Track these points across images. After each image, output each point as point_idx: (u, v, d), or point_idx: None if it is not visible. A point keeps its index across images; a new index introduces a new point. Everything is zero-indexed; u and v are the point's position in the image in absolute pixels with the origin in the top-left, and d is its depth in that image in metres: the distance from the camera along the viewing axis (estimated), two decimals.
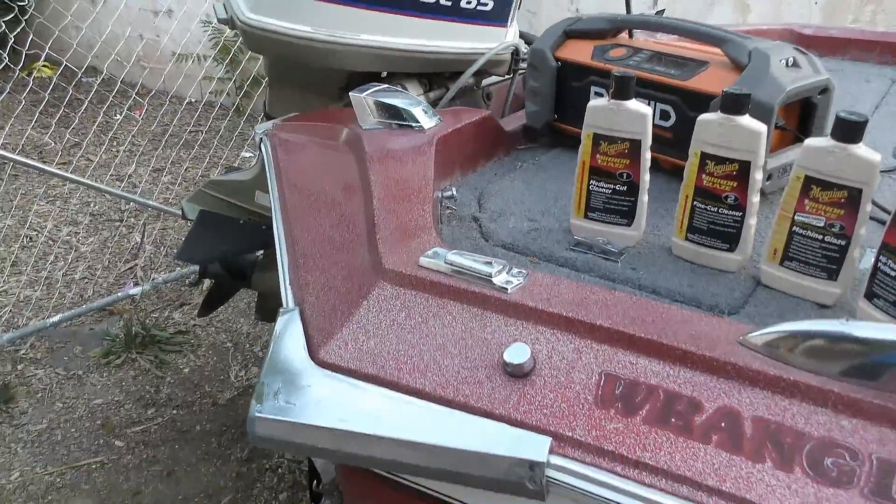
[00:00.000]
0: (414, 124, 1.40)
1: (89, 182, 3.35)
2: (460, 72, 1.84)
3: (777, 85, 1.21)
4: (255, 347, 3.00)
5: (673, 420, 0.72)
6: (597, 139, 1.13)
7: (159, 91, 5.08)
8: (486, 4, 1.81)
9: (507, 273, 0.90)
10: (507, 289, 0.87)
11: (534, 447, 0.73)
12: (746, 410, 0.71)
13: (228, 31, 5.09)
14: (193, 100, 4.90)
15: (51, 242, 3.71)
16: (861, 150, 0.95)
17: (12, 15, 3.69)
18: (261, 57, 4.22)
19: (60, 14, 4.40)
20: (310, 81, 1.94)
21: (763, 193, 1.16)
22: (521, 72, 1.94)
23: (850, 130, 0.94)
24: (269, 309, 2.52)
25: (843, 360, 0.70)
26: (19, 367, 2.87)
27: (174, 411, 2.66)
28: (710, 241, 1.10)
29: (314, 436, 0.80)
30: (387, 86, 1.49)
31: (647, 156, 1.12)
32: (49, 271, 3.40)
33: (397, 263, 0.94)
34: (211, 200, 2.34)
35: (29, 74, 4.80)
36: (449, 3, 1.76)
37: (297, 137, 1.52)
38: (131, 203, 4.04)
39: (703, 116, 1.07)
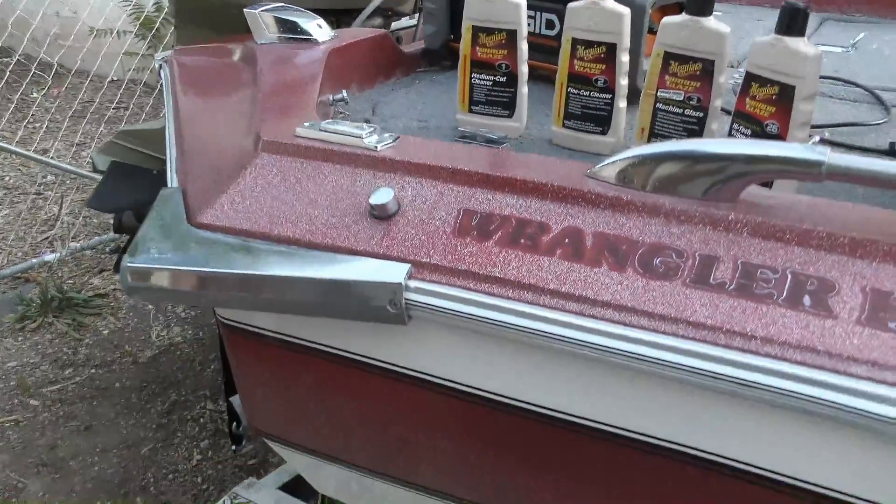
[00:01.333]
0: (309, 38, 1.42)
1: (13, 147, 3.26)
2: (363, 9, 1.86)
3: None
4: (177, 308, 2.97)
5: (522, 241, 0.77)
6: (475, 31, 1.17)
7: (79, 70, 4.95)
8: None
9: (377, 135, 0.93)
10: (376, 147, 0.90)
11: (392, 272, 0.76)
12: (588, 228, 0.76)
13: (150, 4, 5.00)
14: (116, 78, 4.79)
15: None
16: (711, 22, 1.02)
17: None
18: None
19: None
20: (216, 22, 1.94)
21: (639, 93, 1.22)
22: None
23: (701, 4, 1.01)
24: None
25: (675, 177, 0.76)
26: None
27: (92, 370, 2.62)
28: (584, 125, 1.15)
29: (187, 280, 0.82)
30: (282, 3, 1.51)
31: (523, 46, 1.17)
32: None
33: (275, 135, 0.96)
34: (123, 151, 2.32)
35: None
36: None
37: (194, 59, 1.53)
38: (48, 177, 3.94)
39: (572, 4, 1.12)
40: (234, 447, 2.25)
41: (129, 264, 0.85)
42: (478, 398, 0.82)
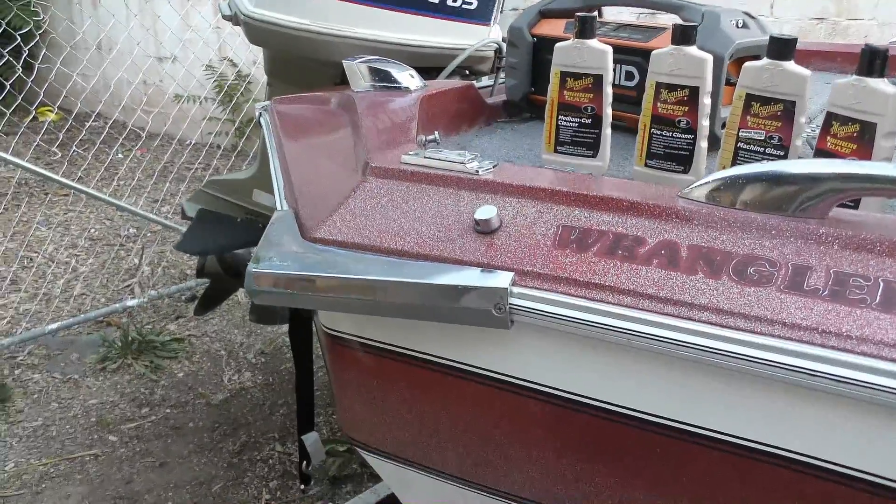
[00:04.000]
0: (401, 86, 1.53)
1: (93, 192, 3.47)
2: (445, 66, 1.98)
3: (726, 38, 1.35)
4: (248, 355, 3.07)
5: (619, 252, 0.82)
6: (563, 76, 1.25)
7: (162, 134, 5.25)
8: (470, 3, 1.97)
9: (477, 162, 1.01)
10: (478, 171, 0.98)
11: (498, 279, 0.82)
12: (683, 241, 0.81)
13: (231, 75, 5.31)
14: (195, 142, 5.06)
15: (50, 263, 3.79)
16: (792, 65, 1.07)
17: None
18: (262, 99, 4.39)
19: (67, 61, 4.58)
20: (307, 76, 2.08)
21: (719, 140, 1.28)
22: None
23: (782, 48, 1.07)
24: (263, 309, 2.60)
25: (766, 195, 0.80)
26: (16, 372, 2.92)
27: (168, 410, 2.71)
28: (666, 164, 1.21)
29: (306, 284, 0.89)
30: (376, 56, 1.63)
31: (608, 90, 1.24)
32: (48, 288, 3.48)
33: (383, 162, 1.05)
34: (210, 199, 2.46)
35: (33, 119, 4.97)
36: (436, 1, 1.92)
37: (294, 106, 1.65)
38: (131, 229, 4.16)
39: (657, 51, 1.19)
40: (302, 486, 2.30)
41: (253, 270, 0.92)
42: (576, 403, 0.86)
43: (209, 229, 2.44)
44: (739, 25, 1.41)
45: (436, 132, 1.38)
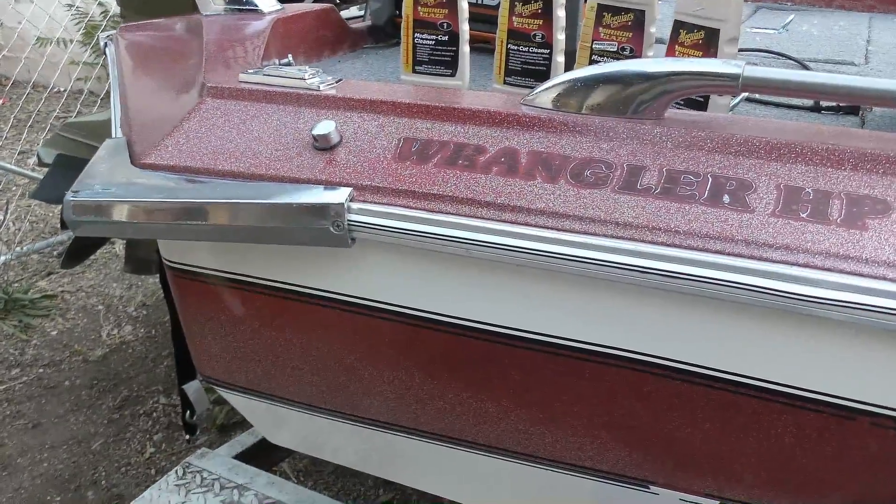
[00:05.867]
0: (254, 8, 1.43)
1: None
2: None
3: None
4: (128, 308, 2.93)
5: (460, 162, 0.80)
6: None
7: (23, 80, 4.86)
8: None
9: (319, 77, 0.95)
10: (319, 87, 0.92)
11: (335, 195, 0.78)
12: (523, 148, 0.79)
13: (98, 13, 4.94)
14: (61, 88, 4.71)
15: None
16: None
17: None
18: None
19: None
20: (161, 6, 1.94)
21: None
22: None
23: None
24: (138, 259, 2.47)
25: (604, 98, 0.79)
26: None
27: (41, 370, 2.56)
28: (524, 80, 1.18)
29: (131, 211, 0.83)
30: None
31: (463, 5, 1.20)
32: None
33: (220, 81, 0.98)
34: (68, 143, 2.29)
35: None
36: None
37: (140, 34, 1.53)
38: None
39: None
40: (187, 437, 2.23)
41: (71, 198, 0.85)
42: (422, 320, 0.84)
43: (69, 175, 2.26)
44: None
45: (289, 55, 1.31)
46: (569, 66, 1.19)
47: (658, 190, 0.73)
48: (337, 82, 0.95)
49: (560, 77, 0.84)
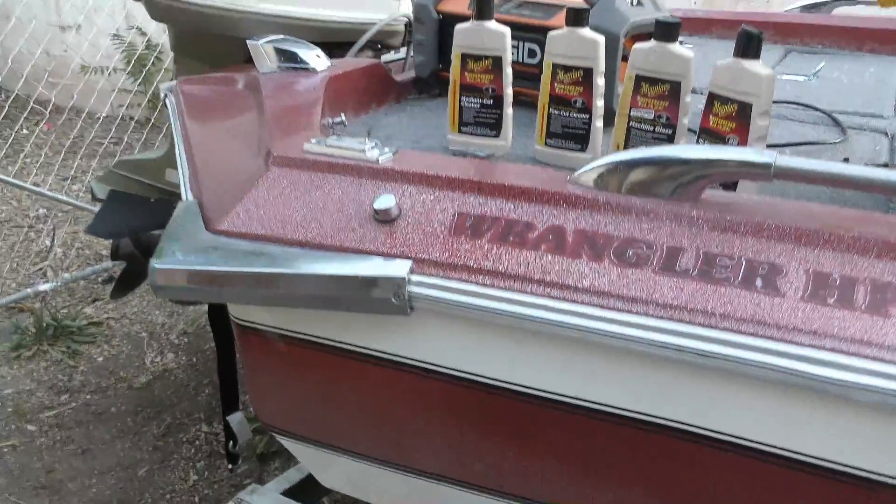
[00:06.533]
0: (308, 67, 1.52)
1: (5, 178, 3.32)
2: (355, 42, 1.97)
3: (621, 16, 1.40)
4: (170, 336, 3.03)
5: (511, 238, 0.86)
6: (464, 58, 1.28)
7: (71, 107, 5.03)
8: None
9: (378, 149, 1.03)
10: (377, 159, 1.00)
11: (396, 268, 0.85)
12: (570, 226, 0.86)
13: (141, 43, 5.11)
14: (106, 115, 4.88)
15: None
16: (677, 47, 1.13)
17: None
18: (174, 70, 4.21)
19: None
20: (213, 53, 2.04)
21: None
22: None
23: (668, 30, 1.12)
24: None
25: (644, 180, 0.86)
26: None
27: (88, 396, 2.66)
28: (564, 143, 1.25)
29: (209, 278, 0.91)
30: (283, 36, 1.61)
31: (508, 71, 1.28)
32: None
33: (284, 150, 1.06)
34: (121, 180, 2.40)
35: None
36: None
37: (199, 88, 1.63)
38: (41, 209, 4.01)
39: (552, 32, 1.23)
40: (230, 466, 2.31)
41: (156, 266, 0.93)
42: (473, 383, 0.91)
43: (121, 211, 2.38)
44: (634, 3, 1.46)
45: (342, 114, 1.39)
46: (608, 123, 1.25)
47: (695, 272, 0.79)
48: (394, 154, 1.03)
49: (604, 159, 0.90)
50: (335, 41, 2.04)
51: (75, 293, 3.33)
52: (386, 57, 2.21)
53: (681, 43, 1.80)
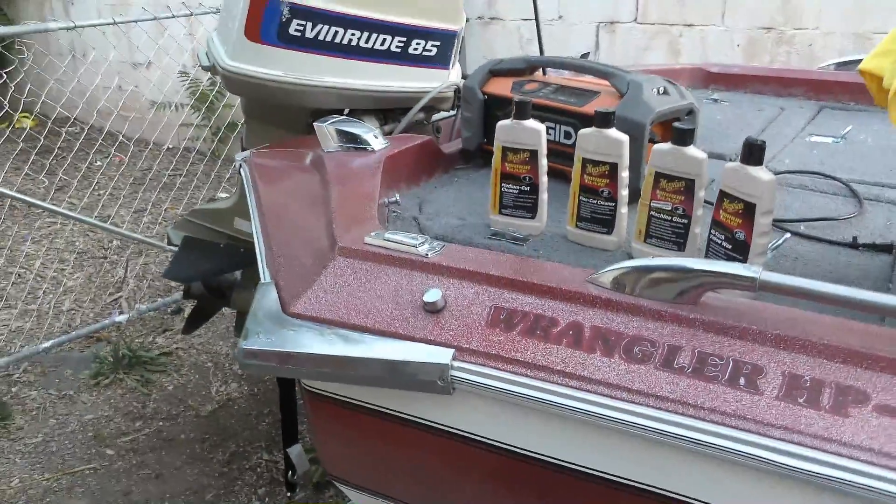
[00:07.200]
0: (367, 147, 1.72)
1: (79, 216, 3.61)
2: (410, 107, 2.17)
3: (648, 107, 1.55)
4: (234, 366, 3.25)
5: (538, 332, 1.03)
6: (504, 150, 1.45)
7: (139, 139, 5.36)
8: (430, 51, 2.15)
9: (428, 245, 1.21)
10: (427, 255, 1.18)
11: (441, 355, 1.03)
12: (587, 323, 1.02)
13: (205, 80, 5.43)
14: (171, 146, 5.20)
15: (39, 279, 3.94)
16: (691, 150, 1.28)
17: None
18: (235, 104, 4.52)
19: (42, 68, 4.68)
20: (281, 118, 2.26)
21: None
22: None
23: (682, 136, 1.28)
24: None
25: (652, 285, 1.02)
26: (13, 390, 3.09)
27: (160, 423, 2.90)
28: (592, 227, 1.42)
29: (287, 359, 1.10)
30: (344, 117, 1.81)
31: (543, 162, 1.44)
32: (38, 304, 3.63)
33: (349, 242, 1.24)
34: (194, 227, 2.63)
35: (9, 126, 5.06)
36: (399, 50, 2.09)
37: (270, 161, 1.83)
38: (114, 241, 4.31)
39: (582, 131, 1.40)
40: (288, 494, 2.51)
41: (244, 347, 1.12)
42: (504, 451, 1.08)
43: (194, 256, 2.61)
44: (660, 92, 1.62)
45: (396, 195, 1.58)
46: (633, 201, 1.40)
47: (690, 369, 0.95)
48: (441, 248, 1.20)
49: (618, 264, 1.06)
50: (391, 108, 2.25)
51: (147, 323, 3.59)
52: (436, 116, 2.41)
53: (715, 101, 2.00)
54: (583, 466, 1.02)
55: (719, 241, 1.26)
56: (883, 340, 0.94)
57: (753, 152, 1.20)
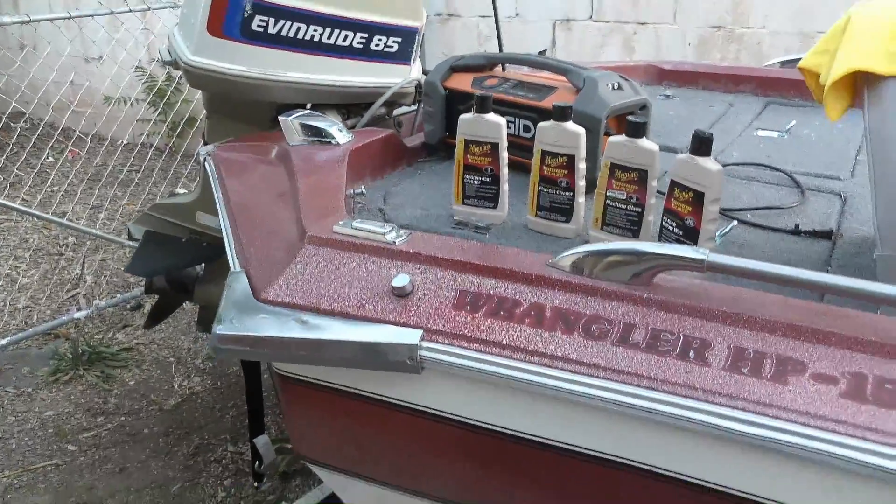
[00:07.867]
0: (331, 140, 1.76)
1: (35, 212, 3.56)
2: (372, 102, 2.21)
3: (603, 102, 1.62)
4: (196, 360, 3.25)
5: (502, 313, 1.09)
6: (467, 143, 1.51)
7: (94, 135, 5.29)
8: (391, 47, 2.19)
9: (395, 233, 1.26)
10: (395, 242, 1.23)
11: (410, 336, 1.08)
12: (549, 304, 1.08)
13: (162, 75, 5.38)
14: (127, 141, 5.14)
15: None
16: (644, 142, 1.35)
17: None
18: (194, 99, 4.48)
19: None
20: (244, 113, 2.28)
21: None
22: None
23: (636, 129, 1.35)
24: (210, 320, 2.78)
25: (608, 268, 1.08)
26: None
27: (122, 418, 2.89)
28: (552, 216, 1.48)
29: (260, 343, 1.13)
30: (309, 111, 1.85)
31: (504, 155, 1.50)
32: None
33: (318, 231, 1.29)
34: (155, 222, 2.62)
35: None
36: (361, 46, 2.13)
37: (236, 155, 1.86)
38: (70, 238, 4.25)
39: (541, 124, 1.46)
40: (255, 484, 2.53)
41: (217, 332, 1.16)
42: (472, 426, 1.13)
43: (156, 250, 2.60)
44: (615, 88, 1.69)
45: (361, 187, 1.62)
46: (590, 190, 1.47)
47: (644, 345, 1.01)
48: (408, 236, 1.25)
49: (576, 248, 1.13)
50: (353, 102, 2.28)
51: (106, 319, 3.57)
52: (398, 111, 2.45)
53: (668, 97, 2.08)
54: (546, 438, 1.08)
55: (671, 228, 1.34)
56: (820, 316, 1.02)
57: (702, 144, 1.27)
